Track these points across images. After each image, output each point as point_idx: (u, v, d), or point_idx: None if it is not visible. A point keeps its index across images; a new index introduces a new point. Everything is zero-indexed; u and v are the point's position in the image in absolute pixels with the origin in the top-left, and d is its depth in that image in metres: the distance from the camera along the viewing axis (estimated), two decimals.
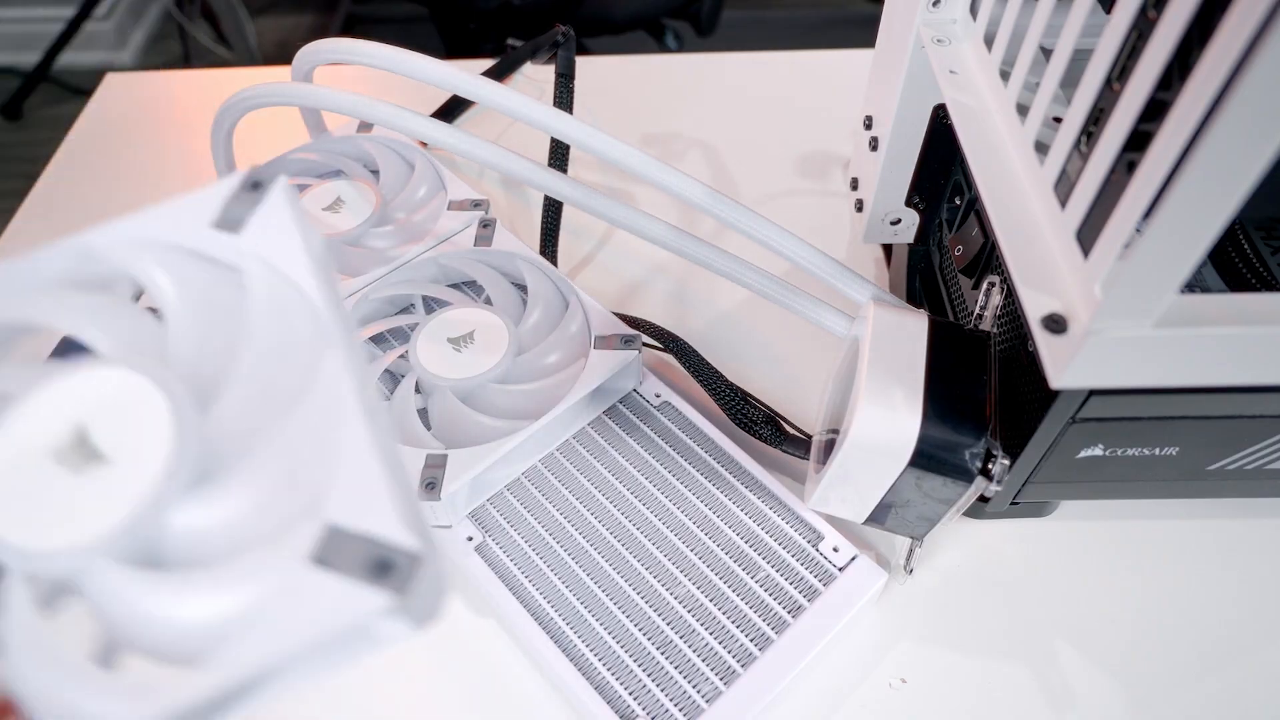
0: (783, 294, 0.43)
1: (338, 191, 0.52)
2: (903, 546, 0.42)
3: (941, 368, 0.36)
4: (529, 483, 0.43)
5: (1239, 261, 0.37)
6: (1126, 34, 0.26)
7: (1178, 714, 0.39)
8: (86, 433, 0.20)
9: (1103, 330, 0.27)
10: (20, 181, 1.54)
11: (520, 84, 0.71)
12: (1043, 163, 0.32)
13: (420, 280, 0.49)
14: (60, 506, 0.19)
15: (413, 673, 0.40)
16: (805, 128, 0.68)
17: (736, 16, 1.96)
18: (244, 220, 0.24)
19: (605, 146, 0.42)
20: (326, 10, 2.03)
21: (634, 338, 0.45)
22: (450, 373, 0.43)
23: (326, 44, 0.47)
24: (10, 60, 1.90)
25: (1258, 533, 0.44)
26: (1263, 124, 0.21)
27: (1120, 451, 0.38)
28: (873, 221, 0.51)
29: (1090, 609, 0.42)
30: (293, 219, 0.23)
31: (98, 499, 0.19)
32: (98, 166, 0.66)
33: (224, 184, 0.24)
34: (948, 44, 0.40)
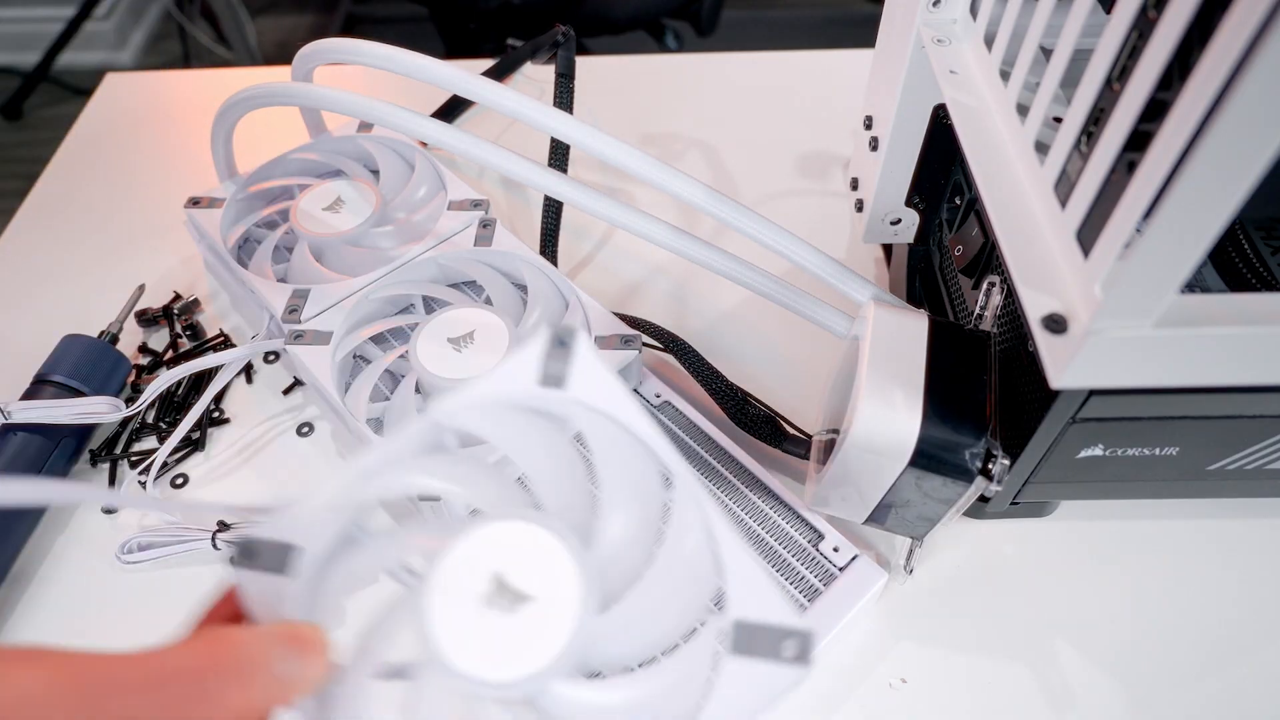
0: (783, 294, 0.43)
1: (338, 191, 0.52)
2: (903, 546, 0.42)
3: (942, 368, 0.36)
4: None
5: (1239, 261, 0.37)
6: (1126, 34, 0.26)
7: (1178, 714, 0.39)
8: (504, 578, 0.25)
9: (1103, 330, 0.27)
10: (20, 181, 1.54)
11: (520, 84, 0.71)
12: (1043, 163, 0.32)
13: (420, 280, 0.49)
14: (511, 641, 0.24)
15: None
16: (805, 128, 0.68)
17: (736, 16, 1.96)
18: (564, 375, 0.28)
19: (605, 146, 0.42)
20: (326, 10, 2.03)
21: (634, 338, 0.45)
22: (450, 372, 0.43)
23: (326, 44, 0.47)
24: (10, 60, 1.90)
25: (1258, 533, 0.44)
26: (1263, 124, 0.21)
27: (1120, 451, 0.38)
28: (873, 221, 0.51)
29: (1090, 609, 0.42)
30: (605, 368, 0.28)
31: (537, 631, 0.24)
32: (98, 166, 0.66)
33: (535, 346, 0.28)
34: (948, 44, 0.40)
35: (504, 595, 0.24)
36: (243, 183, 0.53)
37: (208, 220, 0.51)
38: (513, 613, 0.24)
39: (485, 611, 0.24)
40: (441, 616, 0.24)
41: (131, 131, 0.69)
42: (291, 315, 0.46)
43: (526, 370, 0.28)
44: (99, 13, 1.83)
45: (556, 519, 0.26)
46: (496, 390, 0.28)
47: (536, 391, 0.28)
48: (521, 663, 0.24)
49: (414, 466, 0.27)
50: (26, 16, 1.88)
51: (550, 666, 0.24)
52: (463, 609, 0.24)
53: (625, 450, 0.27)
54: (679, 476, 0.26)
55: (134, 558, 0.43)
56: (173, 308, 0.54)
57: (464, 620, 0.24)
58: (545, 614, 0.24)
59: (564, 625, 0.24)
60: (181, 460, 0.48)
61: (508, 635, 0.24)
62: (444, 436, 0.28)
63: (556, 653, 0.24)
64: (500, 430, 0.28)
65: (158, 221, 0.61)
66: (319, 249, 0.50)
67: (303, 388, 0.51)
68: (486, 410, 0.28)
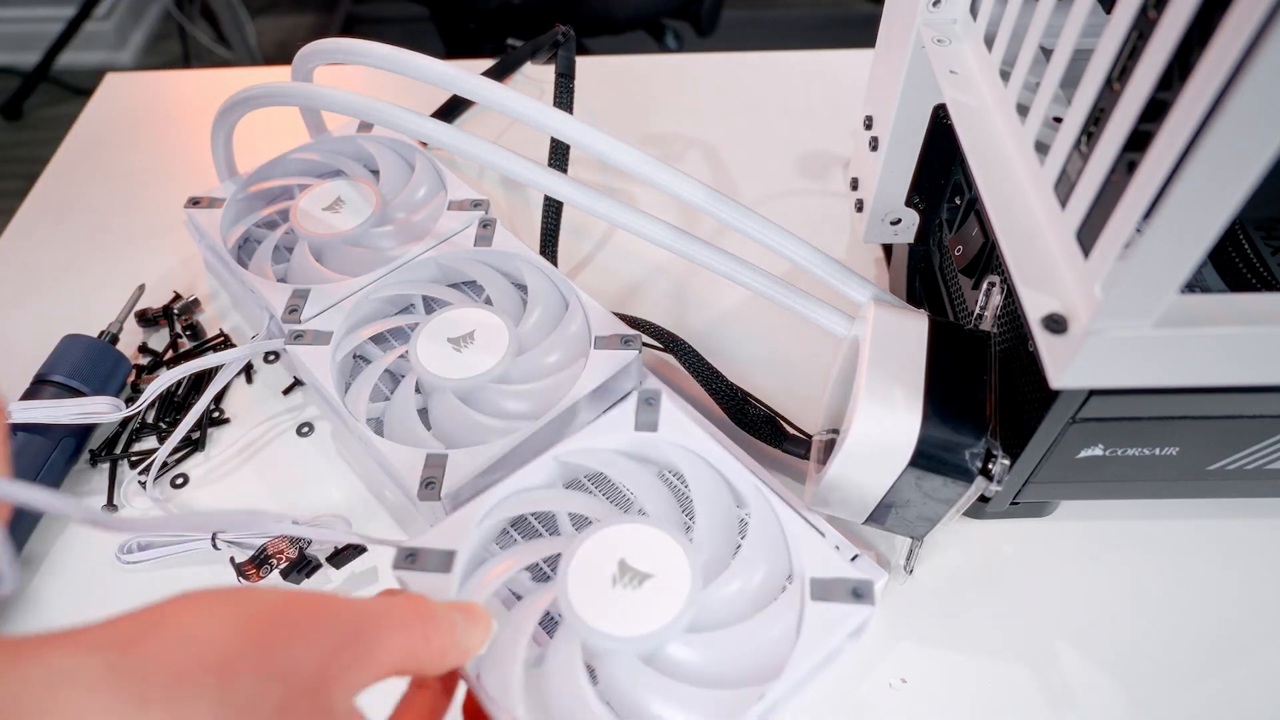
0: (783, 294, 0.43)
1: (338, 191, 0.52)
2: (903, 546, 0.42)
3: (942, 368, 0.36)
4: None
5: (1239, 261, 0.37)
6: (1127, 34, 0.26)
7: (1178, 714, 0.39)
8: (627, 563, 0.33)
9: (1103, 330, 0.27)
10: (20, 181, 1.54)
11: (520, 84, 0.71)
12: (1043, 163, 0.32)
13: (420, 280, 0.49)
14: (638, 606, 0.32)
15: None
16: (805, 128, 0.68)
17: (736, 16, 1.96)
18: (655, 423, 0.39)
19: (605, 146, 0.42)
20: (326, 10, 2.03)
21: (634, 338, 0.45)
22: (450, 373, 0.43)
23: (326, 44, 0.47)
24: (10, 60, 1.90)
25: (1258, 533, 0.44)
26: (1263, 124, 0.21)
27: (1120, 451, 0.38)
28: (873, 221, 0.51)
29: (1090, 609, 0.42)
30: (688, 415, 0.40)
31: (659, 600, 0.32)
32: (98, 166, 0.66)
33: (627, 404, 0.40)
34: (948, 44, 0.40)
35: (628, 575, 0.32)
36: (243, 183, 0.53)
37: (208, 220, 0.51)
38: (639, 588, 0.32)
39: (617, 589, 0.32)
40: (579, 593, 0.32)
41: (131, 131, 0.69)
42: (291, 315, 0.46)
43: (625, 422, 0.39)
44: (99, 13, 1.83)
45: (660, 521, 0.34)
46: (602, 437, 0.38)
47: (636, 436, 0.38)
48: (651, 621, 0.31)
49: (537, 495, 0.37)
50: (26, 16, 1.88)
51: (676, 620, 0.31)
52: (596, 587, 0.32)
53: (706, 472, 0.37)
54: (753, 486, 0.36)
55: (134, 557, 0.43)
56: (173, 308, 0.54)
57: (598, 595, 0.32)
58: (664, 587, 0.32)
59: (680, 593, 0.32)
60: (181, 460, 0.48)
61: (634, 604, 0.31)
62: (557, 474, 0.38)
63: (679, 610, 0.31)
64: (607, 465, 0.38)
65: (158, 221, 0.61)
66: (319, 249, 0.50)
67: (303, 388, 0.51)
68: (595, 453, 0.38)
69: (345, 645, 0.22)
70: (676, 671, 0.32)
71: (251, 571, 0.41)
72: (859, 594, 0.33)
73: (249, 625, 0.21)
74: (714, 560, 0.35)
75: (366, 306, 0.47)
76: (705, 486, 0.36)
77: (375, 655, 0.23)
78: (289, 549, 0.41)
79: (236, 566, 0.41)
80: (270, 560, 0.41)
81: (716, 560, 0.35)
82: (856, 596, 0.33)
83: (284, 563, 0.41)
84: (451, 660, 0.26)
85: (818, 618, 0.32)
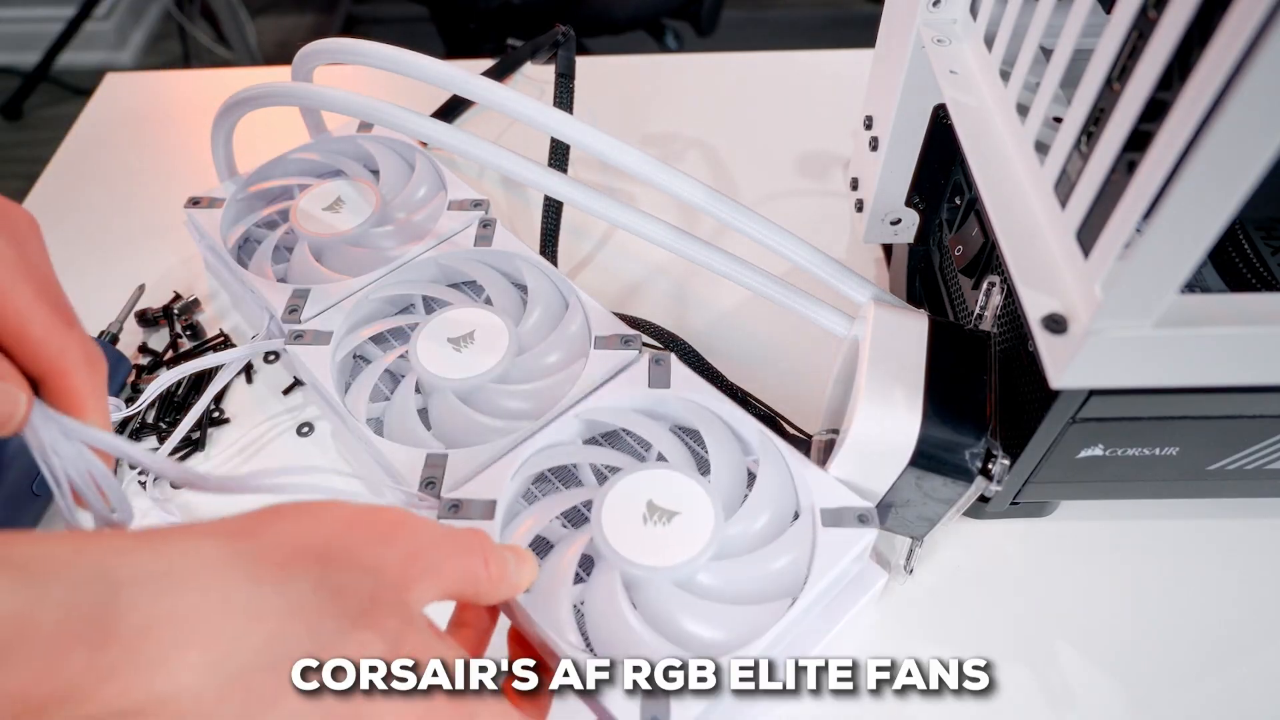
0: (783, 294, 0.43)
1: (338, 191, 0.52)
2: (903, 546, 0.42)
3: (942, 368, 0.36)
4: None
5: (1239, 261, 0.37)
6: (1127, 34, 0.26)
7: (1177, 714, 0.39)
8: (655, 503, 0.36)
9: (1103, 330, 0.27)
10: (20, 181, 1.54)
11: (520, 84, 0.71)
12: (1043, 163, 0.32)
13: (420, 280, 0.49)
14: (668, 540, 0.35)
15: None
16: (805, 128, 0.68)
17: (736, 16, 1.96)
18: (667, 379, 0.42)
19: (605, 146, 0.42)
20: (326, 10, 2.03)
21: (634, 338, 0.45)
22: (450, 373, 0.43)
23: (326, 44, 0.47)
24: (10, 60, 1.90)
25: (1258, 533, 0.44)
26: (1263, 124, 0.21)
27: (1120, 451, 0.38)
28: (873, 221, 0.51)
29: (1090, 609, 0.42)
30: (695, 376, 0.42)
31: (687, 534, 0.35)
32: (98, 166, 0.66)
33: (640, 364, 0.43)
34: (948, 44, 0.40)
35: (657, 513, 0.36)
36: (243, 183, 0.53)
37: (208, 220, 0.51)
38: (668, 524, 0.35)
39: (647, 525, 0.35)
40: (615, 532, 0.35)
41: (131, 131, 0.69)
42: (291, 315, 0.46)
43: (639, 380, 0.42)
44: (99, 13, 1.83)
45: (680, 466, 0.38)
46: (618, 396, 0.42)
47: (652, 393, 0.42)
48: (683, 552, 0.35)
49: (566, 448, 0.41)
50: (26, 16, 1.88)
51: (704, 549, 0.35)
52: (629, 526, 0.35)
53: (716, 422, 0.40)
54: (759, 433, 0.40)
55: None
56: (173, 308, 0.54)
57: (632, 532, 0.35)
58: (690, 522, 0.36)
59: (706, 525, 0.35)
60: (182, 460, 0.48)
61: (665, 538, 0.35)
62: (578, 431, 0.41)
63: (706, 540, 0.35)
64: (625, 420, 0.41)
65: (158, 221, 0.61)
66: (319, 249, 0.50)
67: (303, 388, 0.51)
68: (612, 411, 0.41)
69: (420, 554, 0.26)
70: (707, 594, 0.35)
71: None
72: (864, 519, 0.36)
73: (343, 527, 0.25)
74: (730, 499, 0.38)
75: (366, 306, 0.47)
76: (717, 434, 0.40)
77: (443, 569, 0.27)
78: None
79: None
80: None
81: (732, 499, 0.38)
82: (862, 521, 0.36)
83: None
84: (503, 592, 0.29)
85: (829, 541, 0.36)
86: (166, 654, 0.20)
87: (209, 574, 0.21)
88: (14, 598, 0.19)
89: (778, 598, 0.35)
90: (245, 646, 0.21)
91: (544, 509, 0.38)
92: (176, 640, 0.20)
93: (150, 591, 0.20)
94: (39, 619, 0.18)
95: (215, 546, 0.22)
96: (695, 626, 0.35)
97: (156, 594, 0.20)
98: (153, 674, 0.19)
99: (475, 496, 0.38)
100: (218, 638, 0.20)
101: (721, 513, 0.36)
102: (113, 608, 0.19)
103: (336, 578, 0.23)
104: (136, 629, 0.19)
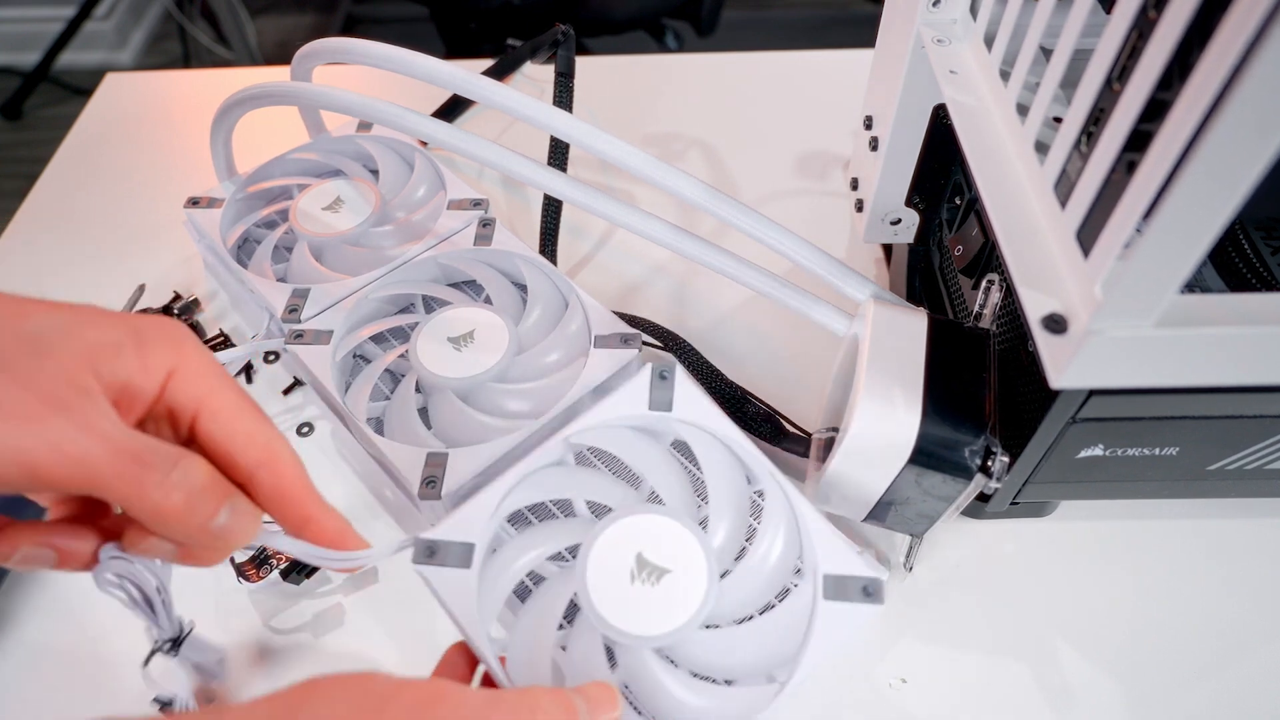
0: (783, 293, 0.43)
1: (338, 191, 0.52)
2: (903, 544, 0.42)
3: (941, 365, 0.36)
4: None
5: (1239, 261, 0.37)
6: (1127, 34, 0.26)
7: (1177, 713, 0.39)
8: (644, 557, 0.33)
9: (1103, 330, 0.27)
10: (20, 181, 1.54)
11: (520, 84, 0.71)
12: (1043, 163, 0.32)
13: (420, 280, 0.49)
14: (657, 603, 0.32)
15: None
16: (805, 128, 0.68)
17: (736, 16, 1.96)
18: (669, 401, 0.37)
19: (605, 146, 0.42)
20: (326, 10, 2.03)
21: (634, 336, 0.45)
22: (450, 372, 0.43)
23: (326, 43, 0.47)
24: (10, 60, 1.90)
25: (1258, 533, 0.44)
26: (1263, 124, 0.21)
27: (1120, 451, 0.38)
28: (873, 221, 0.51)
29: (1090, 608, 0.42)
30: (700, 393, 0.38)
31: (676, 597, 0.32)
32: (98, 166, 0.66)
33: (641, 378, 0.38)
34: (948, 44, 0.40)
35: (645, 569, 0.33)
36: (242, 183, 0.53)
37: (207, 220, 0.51)
38: (657, 584, 0.33)
39: (634, 584, 0.33)
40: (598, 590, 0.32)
41: (131, 131, 0.69)
42: (291, 315, 0.46)
43: (638, 398, 0.37)
44: (99, 13, 1.83)
45: (676, 510, 0.35)
46: (614, 414, 0.37)
47: (649, 414, 0.37)
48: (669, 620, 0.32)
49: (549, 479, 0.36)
50: (26, 16, 1.88)
51: (692, 619, 0.32)
52: (615, 583, 0.33)
53: (720, 453, 0.37)
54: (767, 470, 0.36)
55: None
56: (173, 308, 0.54)
57: (617, 591, 0.32)
58: (680, 583, 0.33)
59: (698, 590, 0.33)
60: None
61: (652, 601, 0.32)
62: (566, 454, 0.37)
63: (695, 609, 0.32)
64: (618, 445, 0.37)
65: (158, 221, 0.61)
66: (319, 249, 0.50)
67: (303, 388, 0.51)
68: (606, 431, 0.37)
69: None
70: (692, 664, 0.33)
71: (251, 571, 0.41)
72: (869, 592, 0.34)
73: (378, 702, 0.24)
74: (728, 542, 0.36)
75: (366, 306, 0.47)
76: (718, 467, 0.37)
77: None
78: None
79: (236, 566, 0.41)
80: (270, 560, 0.41)
81: (730, 541, 0.36)
82: (866, 595, 0.34)
83: (284, 563, 0.41)
84: None
85: (830, 616, 0.33)
86: None
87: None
88: None
89: (765, 670, 0.34)
90: None
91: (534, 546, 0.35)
92: None
93: None
94: None
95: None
96: (680, 694, 0.33)
97: None
98: None
99: (451, 539, 0.34)
100: None
101: (715, 570, 0.33)
102: None
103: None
104: None
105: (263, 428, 0.28)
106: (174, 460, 0.25)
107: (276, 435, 0.28)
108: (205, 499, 0.25)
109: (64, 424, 0.23)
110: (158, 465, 0.24)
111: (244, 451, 0.27)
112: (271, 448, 0.28)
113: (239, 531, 0.26)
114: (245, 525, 0.27)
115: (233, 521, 0.26)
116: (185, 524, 0.25)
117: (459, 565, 0.33)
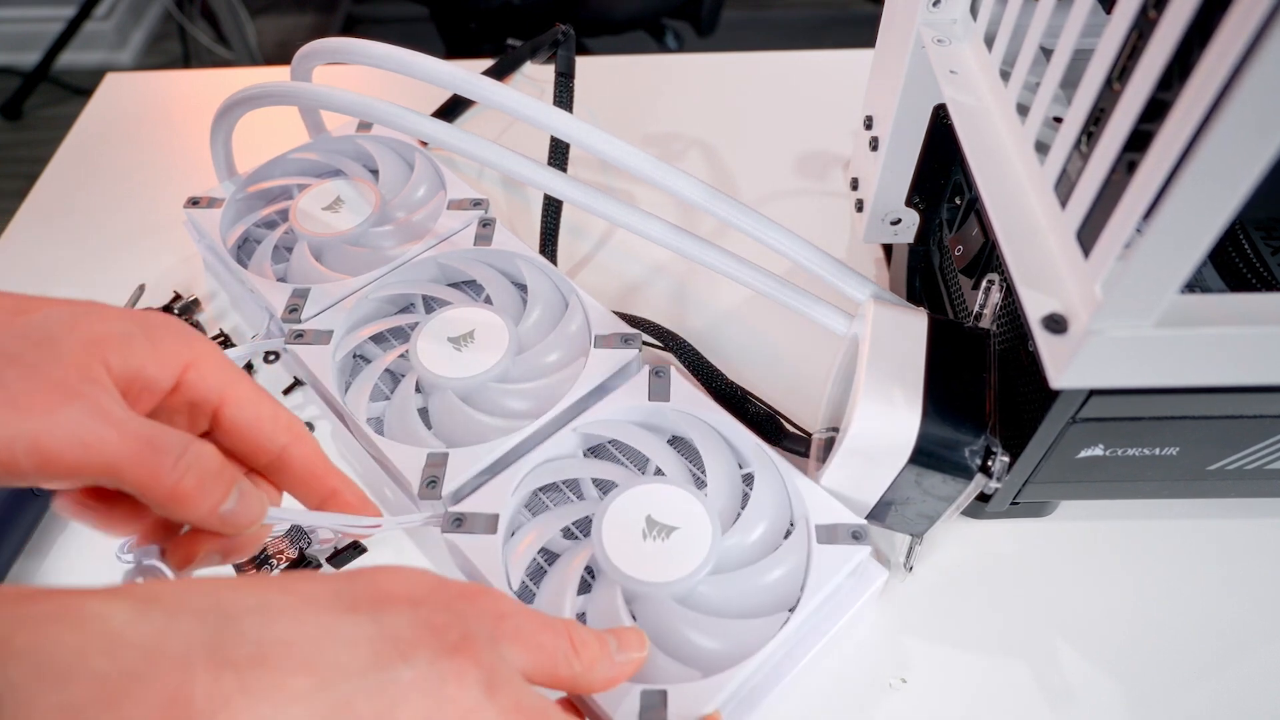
0: (783, 293, 0.43)
1: (337, 191, 0.52)
2: (903, 544, 0.42)
3: (941, 365, 0.36)
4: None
5: (1239, 261, 0.37)
6: (1127, 34, 0.26)
7: (1177, 713, 0.39)
8: (653, 518, 0.37)
9: (1103, 330, 0.27)
10: (20, 181, 1.54)
11: (520, 84, 0.71)
12: (1043, 163, 0.32)
13: (420, 280, 0.49)
14: (668, 556, 0.36)
15: None
16: (805, 128, 0.68)
17: (736, 16, 1.96)
18: (667, 392, 0.42)
19: (605, 146, 0.42)
20: (326, 10, 2.03)
21: (634, 336, 0.45)
22: (451, 372, 0.43)
23: (326, 44, 0.47)
24: (10, 60, 1.90)
25: (1258, 533, 0.44)
26: (1263, 124, 0.21)
27: (1120, 451, 0.38)
28: (873, 221, 0.51)
29: (1090, 608, 0.42)
30: (693, 389, 0.43)
31: (686, 549, 0.36)
32: (98, 166, 0.66)
33: (640, 377, 0.43)
34: (948, 44, 0.40)
35: (656, 528, 0.37)
36: (242, 183, 0.53)
37: (207, 220, 0.51)
38: (667, 540, 0.36)
39: (646, 540, 0.36)
40: (615, 548, 0.36)
41: (131, 131, 0.69)
42: (291, 315, 0.46)
43: (638, 392, 0.42)
44: (99, 13, 1.83)
45: (677, 480, 0.38)
46: (617, 408, 0.42)
47: (650, 405, 0.42)
48: (681, 567, 0.35)
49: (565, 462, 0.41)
50: (26, 16, 1.88)
51: (703, 564, 0.36)
52: (629, 541, 0.36)
53: (714, 436, 0.41)
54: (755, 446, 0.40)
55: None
56: (173, 308, 0.54)
57: (631, 548, 0.36)
58: (688, 537, 0.36)
59: (704, 540, 0.36)
60: None
61: (664, 554, 0.36)
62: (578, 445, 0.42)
63: (704, 555, 0.36)
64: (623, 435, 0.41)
65: (158, 221, 0.61)
66: (319, 249, 0.50)
67: (303, 388, 0.51)
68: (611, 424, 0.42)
69: (508, 615, 0.26)
70: (706, 607, 0.36)
71: (250, 570, 0.41)
72: (857, 536, 0.37)
73: (434, 581, 0.25)
74: (726, 511, 0.39)
75: (366, 306, 0.47)
76: (713, 448, 0.40)
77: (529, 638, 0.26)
78: (289, 549, 0.41)
79: (235, 566, 0.41)
80: (270, 560, 0.41)
81: (728, 511, 0.39)
82: (855, 538, 0.37)
83: (284, 563, 0.41)
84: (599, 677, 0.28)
85: (824, 558, 0.37)
86: (278, 682, 0.20)
87: (310, 608, 0.23)
88: (146, 626, 0.20)
89: (775, 610, 0.36)
90: (348, 673, 0.22)
91: (546, 523, 0.39)
92: (285, 668, 0.21)
93: (259, 621, 0.21)
94: (166, 648, 0.19)
95: (315, 585, 0.24)
96: (696, 638, 0.35)
97: (264, 624, 0.21)
98: (265, 702, 0.20)
99: (478, 510, 0.38)
100: (321, 664, 0.21)
101: (718, 526, 0.37)
102: (229, 636, 0.20)
103: (430, 616, 0.24)
104: (249, 658, 0.20)
105: (284, 411, 0.29)
106: (184, 445, 0.25)
107: (296, 418, 0.30)
108: (217, 482, 0.26)
109: (77, 412, 0.23)
110: (170, 449, 0.25)
111: (272, 435, 0.29)
112: (295, 429, 0.29)
113: (246, 514, 0.27)
114: (253, 508, 0.27)
115: (241, 505, 0.27)
116: (199, 507, 0.26)
117: (486, 532, 0.37)
